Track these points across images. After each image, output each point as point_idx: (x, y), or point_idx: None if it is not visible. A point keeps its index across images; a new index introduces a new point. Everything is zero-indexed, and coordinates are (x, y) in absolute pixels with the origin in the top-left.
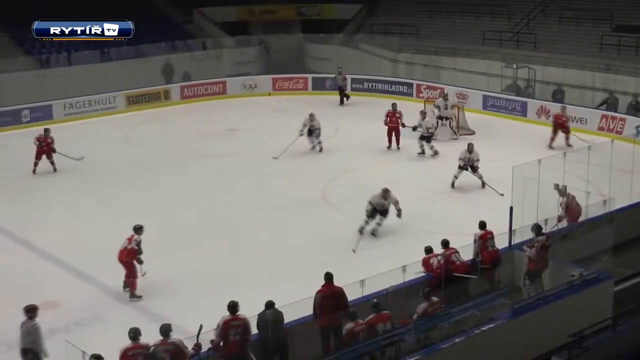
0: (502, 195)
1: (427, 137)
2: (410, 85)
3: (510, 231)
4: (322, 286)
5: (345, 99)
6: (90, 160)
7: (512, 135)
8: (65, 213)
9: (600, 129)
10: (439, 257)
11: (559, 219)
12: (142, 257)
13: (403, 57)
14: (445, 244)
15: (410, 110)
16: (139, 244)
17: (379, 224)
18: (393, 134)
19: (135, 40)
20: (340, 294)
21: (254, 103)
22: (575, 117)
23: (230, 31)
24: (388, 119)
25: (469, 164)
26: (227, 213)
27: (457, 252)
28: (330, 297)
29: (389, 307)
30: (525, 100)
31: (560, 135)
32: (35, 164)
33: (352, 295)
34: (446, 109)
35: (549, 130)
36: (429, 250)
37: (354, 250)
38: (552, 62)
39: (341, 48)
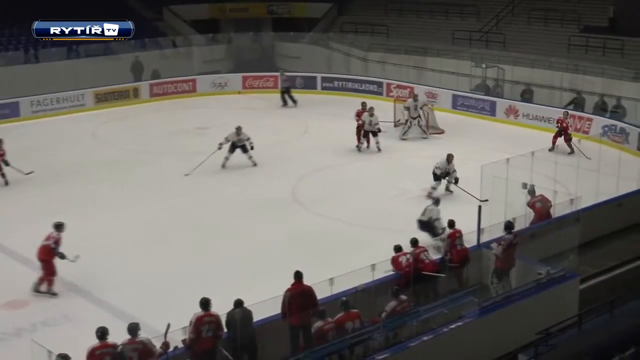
0: (485, 201)
1: (373, 132)
2: (380, 84)
3: (479, 230)
4: (292, 285)
5: (290, 101)
6: (59, 158)
7: (481, 134)
8: (33, 212)
9: None
10: (408, 256)
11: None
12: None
13: (373, 56)
14: (414, 242)
15: (381, 108)
16: (56, 241)
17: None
18: (362, 132)
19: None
20: (309, 292)
21: (224, 101)
22: (543, 117)
23: (201, 29)
24: (358, 117)
25: (445, 174)
26: (198, 212)
27: (426, 250)
28: (299, 296)
29: (358, 305)
30: (494, 99)
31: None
32: None
33: (321, 293)
34: (415, 109)
35: (517, 129)
36: (398, 248)
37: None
38: (520, 62)
39: (311, 47)
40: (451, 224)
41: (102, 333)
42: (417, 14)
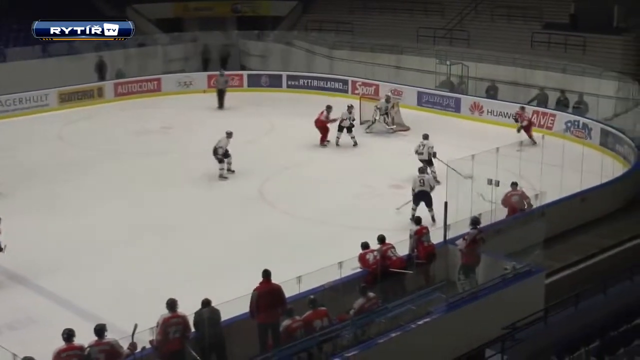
0: (470, 178)
1: (349, 128)
2: (345, 82)
3: (445, 226)
4: (260, 283)
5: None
6: (22, 159)
7: (446, 131)
8: None
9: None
10: (375, 253)
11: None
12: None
13: (338, 54)
14: (381, 239)
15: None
16: None
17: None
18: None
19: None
20: (277, 291)
21: (189, 100)
22: (506, 113)
23: (165, 28)
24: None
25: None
26: (163, 211)
27: (393, 247)
28: (268, 295)
29: (325, 303)
30: (459, 96)
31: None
32: None
33: (289, 292)
34: (386, 110)
35: (482, 126)
36: (365, 246)
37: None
38: (484, 59)
39: (276, 45)
40: (418, 220)
41: (68, 335)
42: (382, 11)
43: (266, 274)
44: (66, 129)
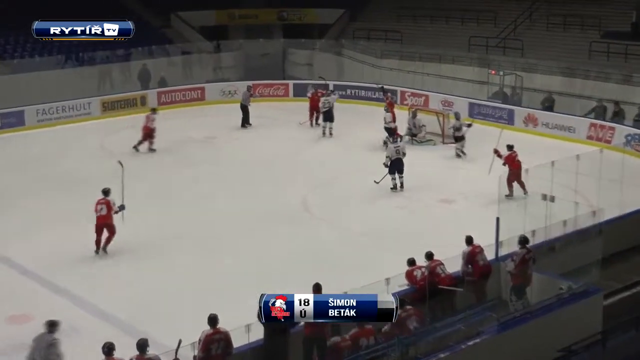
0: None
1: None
2: (393, 92)
3: (497, 242)
4: None
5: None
6: (65, 169)
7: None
8: (35, 223)
9: (589, 137)
10: (423, 269)
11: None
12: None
13: (386, 64)
14: (429, 255)
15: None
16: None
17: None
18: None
19: (111, 45)
20: None
21: (233, 110)
22: (562, 126)
23: (209, 36)
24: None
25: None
26: (205, 223)
27: (442, 264)
28: None
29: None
30: (513, 108)
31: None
32: None
33: None
34: (415, 126)
35: (536, 138)
36: (411, 262)
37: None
38: (539, 69)
39: (323, 54)
40: (469, 240)
41: (108, 349)
42: (432, 19)
43: (317, 287)
44: (109, 138)
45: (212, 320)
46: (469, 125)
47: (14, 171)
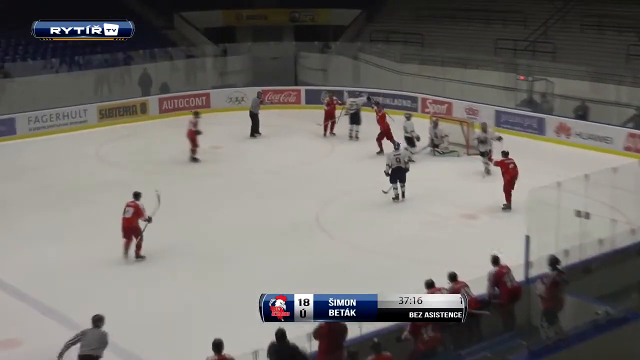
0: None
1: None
2: (414, 99)
3: (527, 263)
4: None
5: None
6: (59, 180)
7: (528, 155)
8: (29, 238)
9: (627, 149)
10: (445, 292)
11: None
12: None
13: (406, 68)
14: (452, 277)
15: (416, 125)
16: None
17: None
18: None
19: (109, 46)
20: (342, 330)
21: (241, 118)
22: (598, 136)
23: (215, 38)
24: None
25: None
26: (211, 238)
27: (467, 286)
28: (330, 334)
29: (390, 347)
30: (543, 116)
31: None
32: None
33: (350, 333)
34: (437, 137)
35: (569, 149)
36: (429, 284)
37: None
38: (572, 74)
39: (338, 57)
40: (495, 260)
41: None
42: (454, 20)
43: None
44: (106, 148)
45: (217, 346)
46: (499, 139)
47: (3, 184)
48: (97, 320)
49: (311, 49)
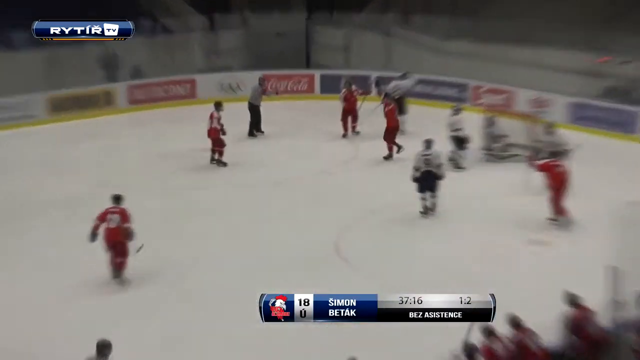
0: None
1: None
2: (463, 88)
3: (614, 304)
4: None
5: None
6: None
7: (613, 160)
8: None
9: None
10: (507, 342)
11: None
12: None
13: (454, 47)
14: (515, 323)
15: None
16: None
17: None
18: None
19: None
20: None
21: (237, 111)
22: None
23: (203, 7)
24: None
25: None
26: (202, 271)
27: (534, 333)
28: None
29: None
30: (635, 109)
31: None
32: None
33: None
34: (491, 136)
35: None
36: (489, 332)
37: None
38: None
39: (363, 33)
40: (573, 300)
41: None
42: None
43: None
44: (58, 152)
45: None
46: (576, 147)
47: None
48: (103, 347)
49: (328, 22)
